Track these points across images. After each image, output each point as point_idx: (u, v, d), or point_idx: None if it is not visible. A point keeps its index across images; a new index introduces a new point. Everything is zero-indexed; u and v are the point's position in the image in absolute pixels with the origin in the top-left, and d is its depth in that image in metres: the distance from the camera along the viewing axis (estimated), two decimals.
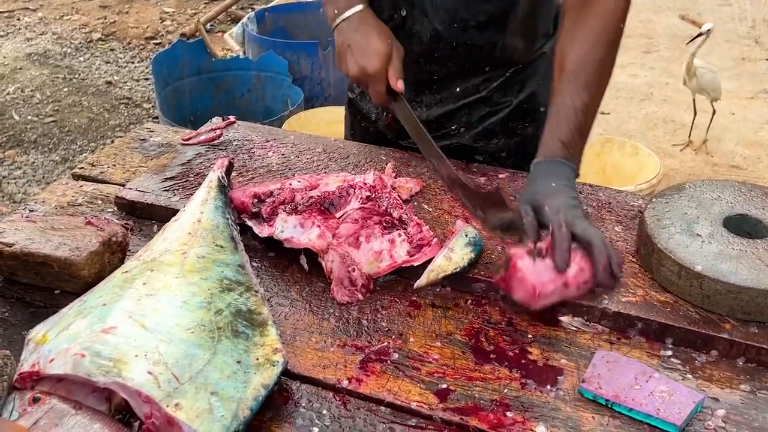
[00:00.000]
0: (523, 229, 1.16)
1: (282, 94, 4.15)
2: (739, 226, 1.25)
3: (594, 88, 1.30)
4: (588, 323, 1.17)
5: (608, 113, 4.35)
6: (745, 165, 3.92)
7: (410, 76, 1.52)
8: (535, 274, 1.09)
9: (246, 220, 1.34)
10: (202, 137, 1.65)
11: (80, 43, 5.62)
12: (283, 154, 1.60)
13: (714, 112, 3.98)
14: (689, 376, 1.07)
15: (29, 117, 4.59)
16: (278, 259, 1.31)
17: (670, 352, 1.12)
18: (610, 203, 1.43)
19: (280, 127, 3.07)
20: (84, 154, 4.16)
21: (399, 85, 1.42)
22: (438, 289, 1.24)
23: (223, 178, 1.39)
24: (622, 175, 3.23)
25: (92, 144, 4.32)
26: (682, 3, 6.03)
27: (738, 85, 4.73)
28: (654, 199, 1.32)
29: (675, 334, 1.13)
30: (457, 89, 1.61)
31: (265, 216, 1.32)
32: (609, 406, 1.01)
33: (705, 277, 1.14)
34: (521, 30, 1.53)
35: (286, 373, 1.05)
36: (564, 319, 1.17)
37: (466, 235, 1.26)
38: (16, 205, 3.66)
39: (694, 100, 3.97)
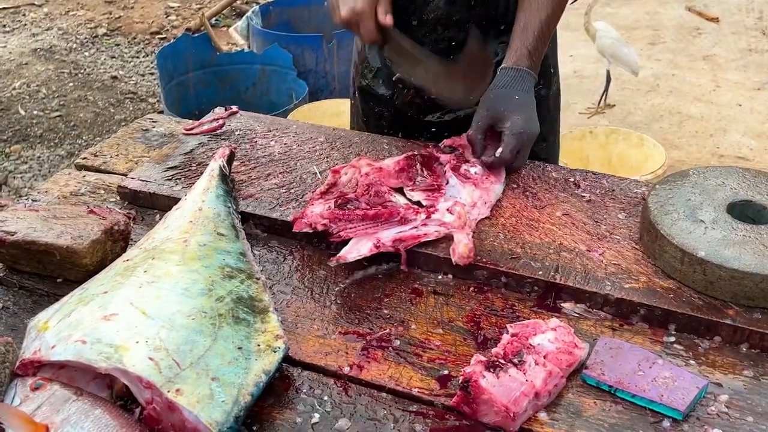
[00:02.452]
0: (468, 139, 1.44)
1: (286, 87, 4.15)
2: (743, 212, 1.24)
3: (556, 2, 1.49)
4: (590, 310, 1.16)
5: (614, 105, 4.33)
6: (752, 156, 3.90)
7: (427, 46, 1.58)
8: (503, 392, 0.96)
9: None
10: (205, 127, 1.65)
11: (86, 38, 5.63)
12: (285, 144, 1.60)
13: (609, 79, 4.03)
14: (692, 362, 1.07)
15: (35, 112, 4.60)
16: (280, 246, 1.31)
17: (673, 339, 1.11)
18: (613, 190, 1.42)
19: None
20: (89, 149, 4.17)
21: (388, 19, 1.44)
22: (440, 277, 1.24)
23: (224, 167, 1.39)
24: (628, 166, 3.22)
25: (98, 138, 4.32)
26: None
27: (745, 76, 4.70)
28: (657, 186, 1.31)
29: (678, 321, 1.12)
30: None
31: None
32: (612, 392, 1.01)
33: (708, 262, 1.14)
34: None
35: (287, 359, 1.05)
36: (566, 305, 1.17)
37: None
38: (22, 199, 3.66)
39: (608, 70, 4.01)
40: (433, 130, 1.69)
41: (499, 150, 1.40)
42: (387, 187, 1.35)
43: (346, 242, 1.24)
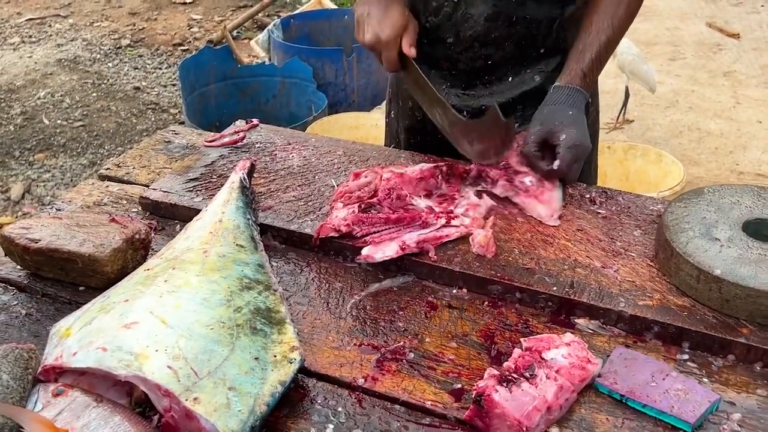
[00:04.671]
0: (523, 152, 1.44)
1: (306, 99, 4.19)
2: (759, 230, 1.24)
3: (618, 24, 1.50)
4: (604, 326, 1.17)
5: (633, 120, 4.32)
6: None
7: (462, 65, 1.61)
8: (516, 406, 0.96)
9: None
10: (226, 139, 1.67)
11: (109, 49, 5.72)
12: (304, 157, 1.62)
13: (627, 95, 4.05)
14: (705, 380, 1.07)
15: (59, 121, 4.67)
16: (297, 258, 1.33)
17: (686, 356, 1.11)
18: (629, 207, 1.42)
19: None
20: (111, 158, 4.23)
21: (411, 51, 1.48)
22: (455, 291, 1.25)
23: (244, 179, 1.41)
24: (646, 182, 3.21)
25: (119, 148, 4.38)
26: (709, 10, 5.98)
27: (765, 93, 4.67)
28: (673, 204, 1.32)
29: (692, 338, 1.12)
30: (510, 78, 1.63)
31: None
32: (623, 401, 1.02)
33: (724, 281, 1.14)
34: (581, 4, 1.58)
35: (302, 370, 1.06)
36: (580, 321, 1.18)
37: None
38: (44, 207, 3.72)
39: (627, 86, 4.02)
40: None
41: (557, 162, 1.41)
42: (407, 192, 1.38)
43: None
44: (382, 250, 1.27)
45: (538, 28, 1.57)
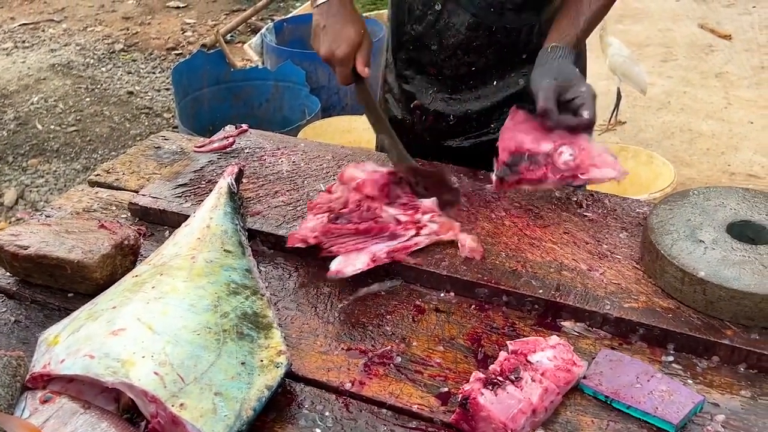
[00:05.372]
0: (544, 107, 1.38)
1: (299, 103, 4.20)
2: (743, 232, 1.25)
3: None
4: (590, 328, 1.18)
5: (625, 122, 4.34)
6: (764, 174, 3.89)
7: (447, 71, 1.62)
8: (501, 409, 0.97)
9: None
10: (215, 145, 1.68)
11: (103, 53, 5.72)
12: (293, 162, 1.62)
13: (619, 96, 4.06)
14: (690, 381, 1.08)
15: (52, 126, 4.67)
16: (286, 263, 1.34)
17: (671, 358, 1.12)
18: (615, 210, 1.43)
19: (296, 137, 3.10)
20: (104, 163, 4.23)
21: (365, 71, 1.49)
22: (442, 295, 1.26)
23: (232, 184, 1.42)
24: (637, 184, 3.22)
25: (113, 153, 4.38)
26: (701, 12, 6.01)
27: (757, 94, 4.69)
28: (658, 206, 1.33)
29: (677, 340, 1.13)
30: (495, 82, 1.64)
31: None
32: (608, 402, 1.02)
33: (708, 283, 1.15)
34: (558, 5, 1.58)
35: (290, 375, 1.07)
36: (566, 324, 1.18)
37: None
38: (38, 213, 3.72)
39: (619, 88, 4.03)
40: (453, 155, 1.70)
41: (586, 113, 1.38)
42: (378, 203, 1.37)
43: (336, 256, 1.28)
44: (353, 264, 1.25)
45: (518, 35, 1.59)
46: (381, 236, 1.31)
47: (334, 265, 1.24)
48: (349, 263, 1.25)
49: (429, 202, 1.40)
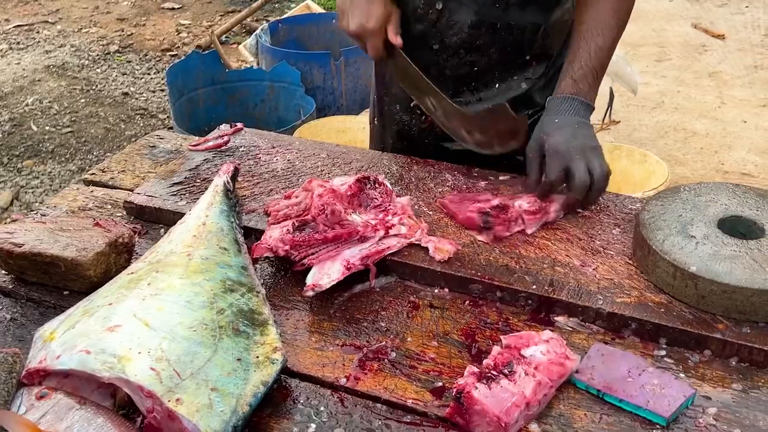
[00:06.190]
0: (528, 171, 1.36)
1: (295, 104, 4.20)
2: (734, 227, 1.26)
3: (609, 31, 1.46)
4: (583, 323, 1.18)
5: (619, 121, 4.36)
6: (757, 173, 3.91)
7: (449, 71, 1.60)
8: (495, 403, 0.98)
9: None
10: (210, 143, 1.69)
11: (98, 55, 5.72)
12: (288, 160, 1.63)
13: (612, 96, 4.07)
14: (682, 375, 1.09)
15: (47, 127, 4.67)
16: (281, 261, 1.34)
17: (663, 352, 1.13)
18: (608, 206, 1.44)
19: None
20: (98, 165, 4.23)
21: (398, 40, 1.49)
22: (436, 291, 1.27)
23: (228, 183, 1.42)
24: (631, 182, 3.23)
25: (108, 154, 4.38)
26: (695, 11, 6.03)
27: (750, 93, 4.72)
28: (650, 202, 1.34)
29: (669, 334, 1.14)
30: (497, 85, 1.63)
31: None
32: (600, 396, 1.03)
33: (700, 277, 1.16)
34: (567, 8, 1.57)
35: (285, 371, 1.08)
36: (559, 319, 1.19)
37: None
38: (31, 213, 3.72)
39: (611, 87, 4.04)
40: (452, 157, 1.68)
41: (544, 175, 1.37)
42: (342, 207, 1.34)
43: (310, 268, 1.25)
44: (327, 274, 1.23)
45: (523, 34, 1.57)
46: (351, 240, 1.29)
47: (310, 279, 1.22)
48: (323, 274, 1.23)
49: (401, 203, 1.39)
